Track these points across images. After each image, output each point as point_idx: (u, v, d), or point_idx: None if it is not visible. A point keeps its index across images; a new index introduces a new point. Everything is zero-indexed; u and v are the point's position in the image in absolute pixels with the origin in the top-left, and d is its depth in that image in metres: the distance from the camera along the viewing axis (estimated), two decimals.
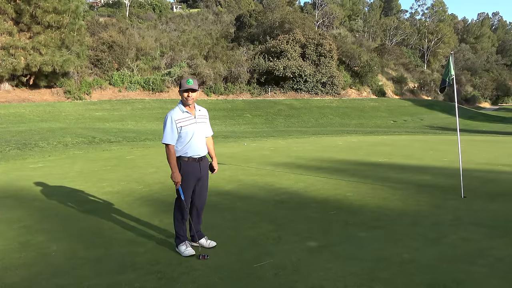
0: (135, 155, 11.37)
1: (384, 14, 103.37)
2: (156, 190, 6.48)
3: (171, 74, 40.91)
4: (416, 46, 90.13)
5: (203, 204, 3.97)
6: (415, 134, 24.19)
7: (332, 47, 48.02)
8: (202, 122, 3.84)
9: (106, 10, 79.77)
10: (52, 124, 23.70)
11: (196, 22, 71.45)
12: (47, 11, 30.27)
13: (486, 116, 53.08)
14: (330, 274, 3.25)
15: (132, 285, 3.11)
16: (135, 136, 17.81)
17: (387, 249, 3.80)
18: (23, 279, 3.26)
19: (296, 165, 9.22)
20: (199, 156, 3.80)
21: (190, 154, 3.76)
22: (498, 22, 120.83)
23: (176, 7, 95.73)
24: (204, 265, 3.48)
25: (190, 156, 3.77)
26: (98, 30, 44.14)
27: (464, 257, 3.57)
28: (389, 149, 12.58)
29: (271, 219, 4.86)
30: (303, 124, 36.53)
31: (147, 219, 4.89)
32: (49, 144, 14.07)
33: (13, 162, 10.03)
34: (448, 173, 7.90)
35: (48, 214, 5.17)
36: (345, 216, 4.91)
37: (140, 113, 33.95)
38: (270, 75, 45.23)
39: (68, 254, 3.78)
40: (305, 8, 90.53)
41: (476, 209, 5.20)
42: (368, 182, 7.07)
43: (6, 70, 29.67)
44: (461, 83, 71.00)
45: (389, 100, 54.39)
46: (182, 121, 3.71)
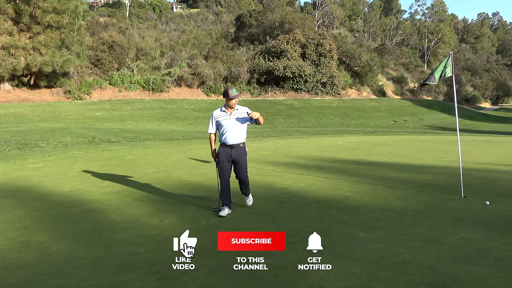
0: (135, 155, 11.36)
1: (384, 14, 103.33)
2: (156, 190, 6.47)
3: (171, 74, 40.92)
4: (416, 46, 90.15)
5: (244, 179, 5.12)
6: (415, 134, 24.18)
7: (332, 47, 48.02)
8: (234, 118, 4.94)
9: (106, 10, 79.78)
10: (52, 124, 23.69)
11: (196, 22, 71.48)
12: (47, 11, 30.26)
13: (486, 116, 53.08)
14: (330, 274, 3.24)
15: (132, 285, 3.11)
16: (135, 136, 17.81)
17: (387, 249, 3.80)
18: (23, 279, 3.25)
19: (296, 165, 9.21)
20: (230, 144, 4.96)
21: (223, 141, 5.01)
22: (498, 22, 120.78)
23: (176, 7, 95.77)
24: (204, 265, 3.47)
25: (223, 142, 5.01)
26: (98, 30, 44.14)
27: (464, 257, 3.57)
28: (389, 149, 12.58)
29: (271, 219, 4.86)
30: (303, 124, 36.53)
31: (147, 219, 4.88)
32: (49, 144, 14.07)
33: (13, 162, 10.03)
34: (448, 173, 7.90)
35: (48, 214, 5.17)
36: (345, 216, 4.91)
37: (140, 113, 33.94)
38: (270, 75, 45.23)
39: (68, 254, 3.77)
40: (305, 8, 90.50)
41: (476, 209, 5.20)
42: (368, 182, 7.07)
43: (6, 70, 29.66)
44: (461, 83, 70.96)
45: (389, 100, 54.38)
46: (219, 117, 4.98)
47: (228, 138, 4.95)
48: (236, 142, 4.96)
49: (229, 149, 4.96)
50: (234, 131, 4.95)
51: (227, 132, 4.95)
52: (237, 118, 4.94)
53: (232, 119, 4.93)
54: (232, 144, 4.95)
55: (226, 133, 4.95)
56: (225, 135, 4.97)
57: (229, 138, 4.94)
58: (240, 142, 5.00)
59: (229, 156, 4.96)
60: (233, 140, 4.95)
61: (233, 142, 4.95)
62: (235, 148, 4.97)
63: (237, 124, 4.95)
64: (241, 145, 5.01)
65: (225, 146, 4.98)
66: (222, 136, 5.01)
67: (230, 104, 4.87)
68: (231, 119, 4.93)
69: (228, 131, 4.94)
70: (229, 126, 4.93)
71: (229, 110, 4.96)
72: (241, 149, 5.00)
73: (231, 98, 4.85)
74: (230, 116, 4.93)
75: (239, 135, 4.98)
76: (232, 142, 4.94)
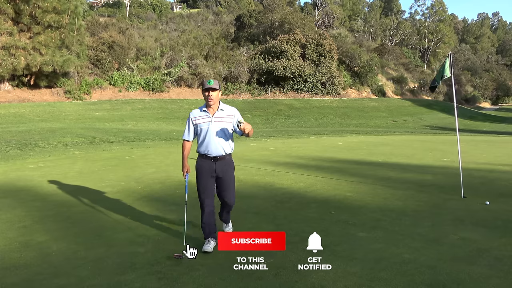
0: (135, 155, 11.36)
1: (384, 14, 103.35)
2: (156, 190, 6.48)
3: (171, 74, 40.92)
4: (416, 46, 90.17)
5: (229, 201, 3.93)
6: (415, 134, 24.18)
7: (332, 47, 48.00)
8: (219, 121, 3.77)
9: (106, 10, 79.78)
10: (52, 124, 23.70)
11: (196, 22, 71.47)
12: (47, 11, 30.27)
13: (486, 116, 53.08)
14: (330, 274, 3.25)
15: (132, 285, 3.11)
16: (135, 136, 17.82)
17: (387, 249, 3.80)
18: (23, 279, 3.25)
19: (296, 165, 9.21)
20: (212, 156, 3.80)
21: (203, 152, 3.84)
22: (498, 22, 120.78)
23: (176, 7, 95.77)
24: (204, 265, 3.47)
25: (204, 153, 3.84)
26: (98, 30, 44.14)
27: (464, 257, 3.57)
28: (389, 149, 12.58)
29: (271, 219, 4.86)
30: (303, 124, 36.54)
31: (147, 219, 4.88)
32: (49, 144, 14.07)
33: (13, 162, 10.03)
34: (448, 173, 7.90)
35: (48, 214, 5.17)
36: (345, 216, 4.91)
37: (140, 113, 33.94)
38: (270, 75, 45.22)
39: (68, 254, 3.77)
40: (305, 8, 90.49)
41: (476, 209, 5.20)
42: (368, 182, 7.07)
43: (7, 70, 29.67)
44: (461, 83, 70.94)
45: (389, 100, 54.37)
46: (198, 119, 3.83)
47: (210, 148, 3.78)
48: (220, 153, 3.80)
49: (211, 163, 3.81)
50: (217, 138, 3.77)
51: (209, 139, 3.77)
52: (221, 122, 3.78)
53: (215, 122, 3.77)
54: (216, 155, 3.80)
55: (208, 141, 3.78)
56: (205, 143, 3.80)
57: (211, 147, 3.78)
58: (226, 154, 3.85)
59: (212, 171, 3.82)
60: (216, 151, 3.79)
61: (217, 153, 3.79)
62: (220, 160, 3.82)
63: (222, 129, 3.78)
64: (227, 157, 3.87)
65: (206, 159, 3.83)
66: (202, 145, 3.83)
67: (207, 99, 3.72)
68: (213, 122, 3.77)
69: (210, 138, 3.77)
70: (211, 132, 3.76)
71: (210, 110, 3.80)
72: (227, 161, 3.87)
73: (204, 90, 3.70)
74: (212, 119, 3.78)
75: (224, 144, 3.81)
76: (215, 153, 3.79)
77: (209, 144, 3.78)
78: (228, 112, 3.83)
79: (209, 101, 3.73)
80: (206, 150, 3.81)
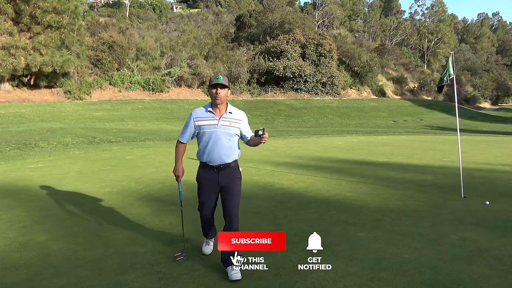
0: (135, 155, 11.36)
1: (384, 14, 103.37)
2: (156, 190, 6.47)
3: (171, 74, 40.93)
4: (416, 46, 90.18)
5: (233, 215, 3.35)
6: (415, 134, 24.18)
7: (332, 47, 48.02)
8: (227, 126, 3.26)
9: (106, 10, 79.78)
10: (52, 124, 23.70)
11: (196, 22, 71.49)
12: (47, 11, 30.27)
13: (486, 116, 53.08)
14: (330, 274, 3.25)
15: (132, 285, 3.11)
16: (135, 136, 17.82)
17: (387, 249, 3.80)
18: (23, 279, 3.25)
19: (296, 165, 9.21)
20: (216, 164, 3.30)
21: (205, 160, 3.34)
22: (498, 22, 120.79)
23: (176, 7, 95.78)
24: (204, 265, 3.48)
25: (205, 162, 3.34)
26: (98, 30, 44.13)
27: (464, 257, 3.57)
28: (389, 149, 12.58)
29: (271, 219, 4.86)
30: (303, 124, 36.54)
31: (147, 219, 4.88)
32: (49, 144, 14.07)
33: (13, 162, 10.03)
34: (448, 173, 7.90)
35: (48, 214, 5.16)
36: (345, 216, 4.91)
37: (140, 113, 33.94)
38: (270, 75, 45.23)
39: (68, 254, 3.77)
40: (305, 8, 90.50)
41: (476, 209, 5.20)
42: (368, 182, 7.07)
43: (7, 70, 29.67)
44: (461, 83, 70.95)
45: (389, 100, 54.37)
46: (201, 120, 3.29)
47: (213, 156, 3.29)
48: (225, 160, 3.30)
49: (214, 173, 3.32)
50: (223, 145, 3.28)
51: (212, 145, 3.27)
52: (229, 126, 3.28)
53: (222, 126, 3.26)
54: (220, 164, 3.30)
55: (211, 148, 3.28)
56: (208, 150, 3.30)
57: (214, 155, 3.28)
58: (232, 161, 3.35)
59: (215, 182, 3.33)
60: (220, 159, 3.29)
61: (220, 161, 3.29)
62: (224, 169, 3.33)
63: (229, 135, 3.29)
64: (232, 165, 3.35)
65: (208, 168, 3.34)
66: (204, 151, 3.33)
67: (215, 97, 3.21)
68: (219, 126, 3.26)
69: (214, 145, 3.27)
70: (216, 138, 3.26)
71: (217, 111, 3.29)
72: (232, 170, 3.36)
73: (211, 86, 3.21)
74: (219, 122, 3.27)
75: (229, 152, 3.31)
76: (219, 161, 3.29)
77: (212, 151, 3.28)
78: (237, 116, 3.34)
79: (216, 100, 3.21)
80: (208, 158, 3.32)
